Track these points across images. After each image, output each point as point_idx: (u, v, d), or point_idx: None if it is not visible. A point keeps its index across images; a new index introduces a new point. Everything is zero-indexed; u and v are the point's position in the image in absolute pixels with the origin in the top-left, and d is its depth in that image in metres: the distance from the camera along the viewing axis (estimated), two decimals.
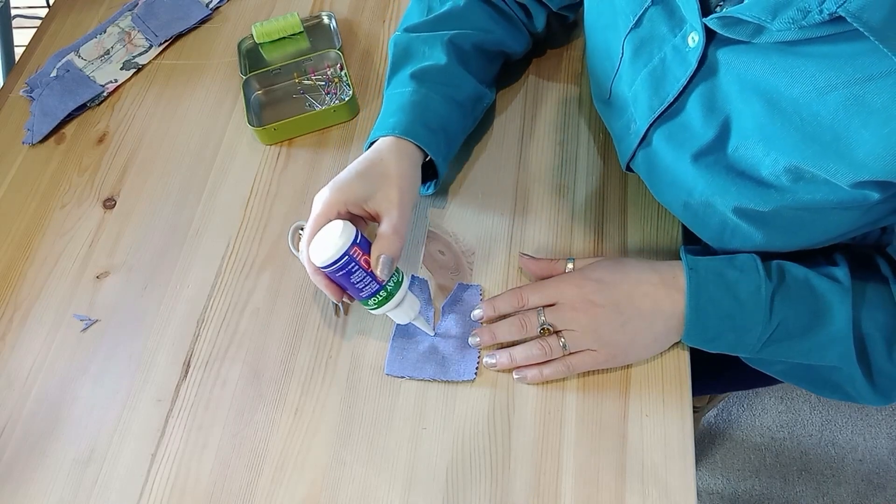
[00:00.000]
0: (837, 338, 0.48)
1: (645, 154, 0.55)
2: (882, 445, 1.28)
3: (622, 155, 0.58)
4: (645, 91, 0.51)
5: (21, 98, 0.79)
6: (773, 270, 0.50)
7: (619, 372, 0.54)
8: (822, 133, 0.40)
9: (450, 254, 0.62)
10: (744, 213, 0.47)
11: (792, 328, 0.49)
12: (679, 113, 0.49)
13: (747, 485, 1.27)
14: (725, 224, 0.50)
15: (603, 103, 0.60)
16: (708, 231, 0.52)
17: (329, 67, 0.74)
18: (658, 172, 0.54)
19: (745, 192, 0.46)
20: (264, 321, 0.60)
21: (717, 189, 0.47)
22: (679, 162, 0.50)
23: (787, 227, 0.47)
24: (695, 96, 0.47)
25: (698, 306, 0.49)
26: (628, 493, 0.49)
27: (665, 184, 0.53)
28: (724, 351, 0.51)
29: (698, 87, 0.47)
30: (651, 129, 0.52)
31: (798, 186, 0.43)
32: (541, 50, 0.73)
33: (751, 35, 0.40)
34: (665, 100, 0.49)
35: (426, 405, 0.54)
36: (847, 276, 0.49)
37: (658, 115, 0.50)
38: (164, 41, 0.81)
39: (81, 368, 0.60)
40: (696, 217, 0.52)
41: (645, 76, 0.50)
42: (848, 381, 0.51)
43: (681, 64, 0.47)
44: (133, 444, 0.56)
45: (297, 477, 0.53)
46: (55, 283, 0.65)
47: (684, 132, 0.49)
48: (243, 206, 0.67)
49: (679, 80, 0.47)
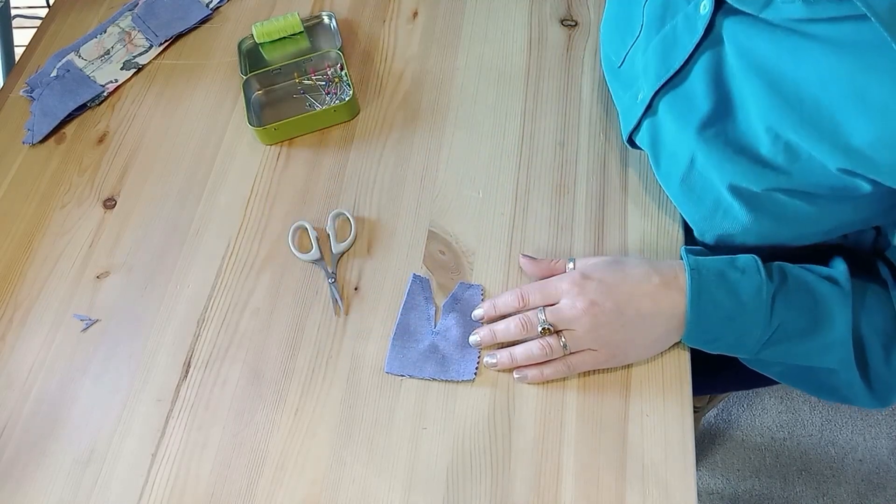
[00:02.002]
0: (837, 341, 0.48)
1: (650, 124, 0.54)
2: (882, 445, 1.28)
3: (626, 125, 0.58)
4: (655, 59, 0.51)
5: (21, 98, 0.79)
6: (774, 272, 0.50)
7: (620, 372, 0.54)
8: (820, 118, 0.40)
9: (450, 254, 0.62)
10: (738, 192, 0.47)
11: (792, 330, 0.49)
12: (684, 81, 0.49)
13: (747, 485, 1.27)
14: (719, 203, 0.50)
15: (613, 73, 0.60)
16: (701, 210, 0.52)
17: (329, 67, 0.74)
18: (661, 143, 0.54)
19: (742, 168, 0.46)
20: (264, 321, 0.60)
21: (715, 163, 0.47)
22: (682, 133, 0.50)
23: (778, 214, 0.47)
24: (700, 66, 0.47)
25: (699, 307, 0.49)
26: (628, 493, 0.49)
27: (666, 155, 0.53)
28: (724, 352, 0.51)
29: (703, 56, 0.47)
30: (656, 98, 0.52)
31: (793, 168, 0.43)
32: (538, 59, 0.73)
33: (759, 8, 0.40)
34: (672, 67, 0.49)
35: (426, 405, 0.54)
36: (847, 280, 0.49)
37: (664, 82, 0.50)
38: (164, 41, 0.81)
39: (81, 368, 0.60)
40: (693, 193, 0.52)
41: (657, 43, 0.51)
42: (845, 385, 0.51)
43: (690, 31, 0.47)
44: (133, 444, 0.56)
45: (297, 477, 0.53)
46: (55, 283, 0.65)
47: (688, 102, 0.49)
48: (243, 206, 0.67)
49: (686, 47, 0.47)
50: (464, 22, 0.77)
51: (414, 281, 0.60)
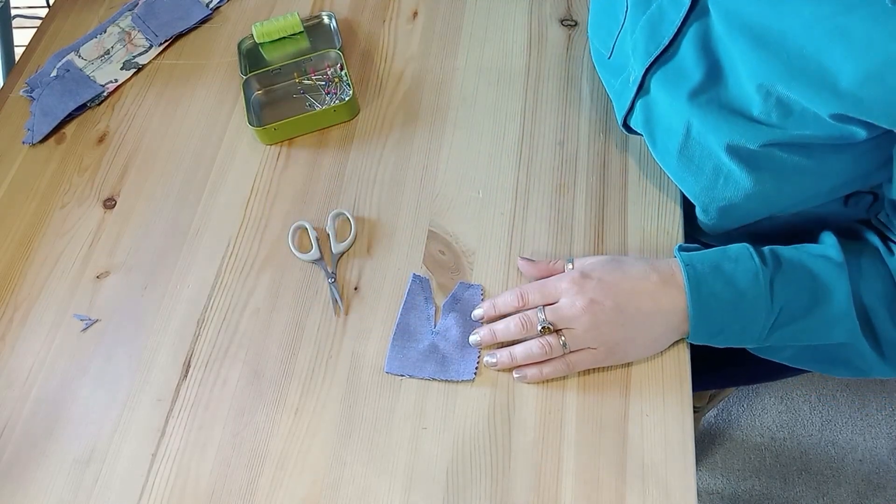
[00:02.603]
0: (841, 314, 0.49)
1: (643, 103, 0.55)
2: (882, 445, 1.28)
3: (620, 109, 0.59)
4: (643, 38, 0.52)
5: (21, 98, 0.79)
6: (767, 256, 0.51)
7: (620, 371, 0.54)
8: (807, 65, 0.41)
9: (450, 254, 0.62)
10: (736, 152, 0.48)
11: (795, 310, 0.49)
12: (674, 56, 0.50)
13: (747, 485, 1.27)
14: (719, 170, 0.50)
15: (604, 65, 0.61)
16: (702, 179, 0.52)
17: (329, 67, 0.74)
18: (655, 120, 0.54)
19: (737, 128, 0.47)
20: (264, 321, 0.60)
21: (711, 127, 0.48)
22: (675, 103, 0.51)
23: (779, 172, 0.48)
24: (688, 37, 0.49)
25: (700, 301, 0.50)
26: (628, 493, 0.49)
27: (662, 130, 0.54)
28: (732, 344, 0.51)
29: (691, 28, 0.48)
30: (648, 75, 0.53)
31: (787, 122, 0.44)
32: (538, 60, 0.73)
33: None
34: (661, 43, 0.50)
35: (426, 405, 0.54)
36: (839, 253, 0.50)
37: (654, 58, 0.51)
38: (164, 41, 0.81)
39: (81, 368, 0.60)
40: (692, 163, 0.52)
41: (643, 23, 0.52)
42: (857, 356, 0.51)
43: (676, 6, 0.49)
44: (133, 444, 0.56)
45: (297, 477, 0.53)
46: (55, 283, 0.65)
47: (679, 74, 0.50)
48: (243, 206, 0.67)
49: (674, 22, 0.49)
50: (464, 22, 0.77)
51: (414, 281, 0.60)
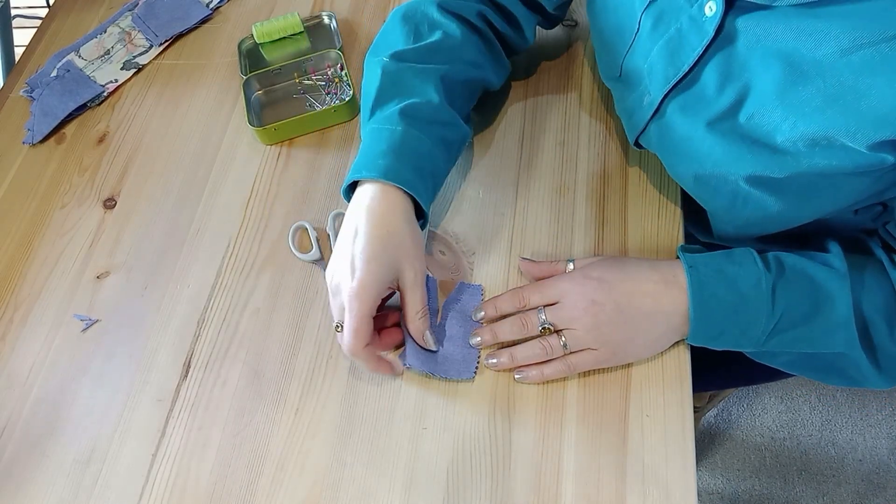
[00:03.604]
0: (840, 323, 0.49)
1: (658, 126, 0.55)
2: (882, 445, 1.28)
3: (632, 129, 0.58)
4: (661, 62, 0.51)
5: (21, 98, 0.79)
6: (770, 262, 0.50)
7: (620, 372, 0.54)
8: (844, 93, 0.41)
9: (450, 254, 0.62)
10: (757, 181, 0.47)
11: (795, 317, 0.49)
12: (695, 83, 0.49)
13: (747, 485, 1.27)
14: (737, 194, 0.50)
15: (613, 81, 0.60)
16: (719, 200, 0.52)
17: (329, 67, 0.74)
18: (670, 145, 0.54)
19: (760, 159, 0.46)
20: (264, 321, 0.60)
21: (731, 157, 0.48)
22: (693, 132, 0.50)
23: (801, 193, 0.47)
24: (711, 65, 0.48)
25: (701, 303, 0.49)
26: (628, 493, 0.49)
27: (677, 156, 0.53)
28: (730, 347, 0.51)
29: (715, 56, 0.47)
30: (665, 100, 0.52)
31: (814, 152, 0.44)
32: (538, 59, 0.73)
33: None
34: (681, 69, 0.49)
35: (426, 405, 0.54)
36: (843, 262, 0.50)
37: (673, 84, 0.50)
38: (164, 41, 0.81)
39: (81, 368, 0.60)
40: (708, 188, 0.52)
41: (661, 47, 0.51)
42: (853, 367, 0.51)
43: (697, 33, 0.48)
44: (133, 444, 0.56)
45: (297, 477, 0.53)
46: (55, 283, 0.65)
47: (699, 101, 0.49)
48: (243, 206, 0.67)
49: (695, 49, 0.48)
50: None
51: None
